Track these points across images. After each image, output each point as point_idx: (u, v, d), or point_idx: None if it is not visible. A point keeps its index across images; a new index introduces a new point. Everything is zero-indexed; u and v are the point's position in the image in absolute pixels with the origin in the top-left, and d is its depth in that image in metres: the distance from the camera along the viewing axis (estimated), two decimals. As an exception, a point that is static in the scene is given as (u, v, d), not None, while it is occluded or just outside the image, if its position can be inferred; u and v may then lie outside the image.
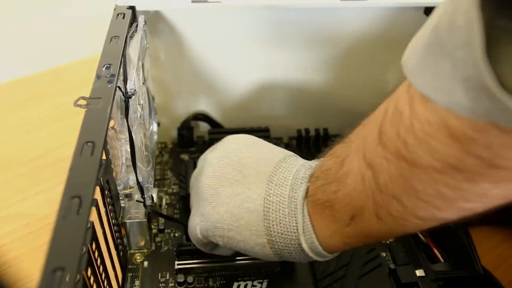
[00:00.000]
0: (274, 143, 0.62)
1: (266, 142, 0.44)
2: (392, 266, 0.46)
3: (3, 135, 0.67)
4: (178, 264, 0.46)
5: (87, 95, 0.37)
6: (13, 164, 0.62)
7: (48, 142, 0.66)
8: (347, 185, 0.32)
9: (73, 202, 0.28)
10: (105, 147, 0.38)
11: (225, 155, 0.41)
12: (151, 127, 0.55)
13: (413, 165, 0.28)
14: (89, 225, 0.32)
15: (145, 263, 0.47)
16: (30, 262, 0.50)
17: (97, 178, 0.31)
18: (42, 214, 0.55)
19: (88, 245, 0.32)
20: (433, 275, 0.45)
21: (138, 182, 0.45)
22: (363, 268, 0.45)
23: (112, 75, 0.39)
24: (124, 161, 0.46)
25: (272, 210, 0.36)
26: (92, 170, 0.30)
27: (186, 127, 0.61)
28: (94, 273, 0.33)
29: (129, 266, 0.47)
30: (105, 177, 0.38)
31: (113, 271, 0.42)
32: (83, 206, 0.28)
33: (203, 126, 0.63)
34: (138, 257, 0.48)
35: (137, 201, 0.47)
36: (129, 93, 0.40)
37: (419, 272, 0.45)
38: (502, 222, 0.54)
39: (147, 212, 0.47)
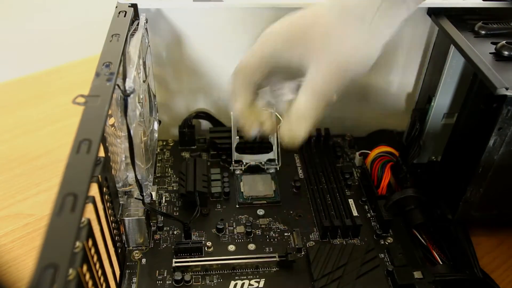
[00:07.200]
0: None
1: None
2: (389, 267, 0.46)
3: (3, 135, 0.67)
4: (176, 262, 0.46)
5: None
6: (13, 164, 0.63)
7: (48, 142, 0.66)
8: None
9: (68, 199, 0.28)
10: (103, 145, 0.38)
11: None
12: (151, 125, 0.55)
13: None
14: (84, 222, 0.32)
15: (143, 260, 0.47)
16: (30, 262, 0.50)
17: (93, 175, 0.31)
18: (42, 214, 0.56)
19: (84, 242, 0.32)
20: (430, 277, 0.45)
21: (137, 180, 0.45)
22: (361, 268, 0.45)
23: (111, 73, 0.39)
24: (123, 159, 0.46)
25: None
26: (88, 168, 0.30)
27: (187, 125, 0.61)
28: (90, 269, 0.33)
29: (127, 263, 0.47)
30: (104, 174, 0.38)
31: (111, 268, 0.42)
32: (77, 203, 0.28)
33: (205, 125, 0.63)
34: (136, 254, 0.48)
35: (136, 198, 0.47)
36: (128, 91, 0.40)
37: (417, 274, 0.45)
38: (500, 224, 0.53)
39: (146, 209, 0.47)
